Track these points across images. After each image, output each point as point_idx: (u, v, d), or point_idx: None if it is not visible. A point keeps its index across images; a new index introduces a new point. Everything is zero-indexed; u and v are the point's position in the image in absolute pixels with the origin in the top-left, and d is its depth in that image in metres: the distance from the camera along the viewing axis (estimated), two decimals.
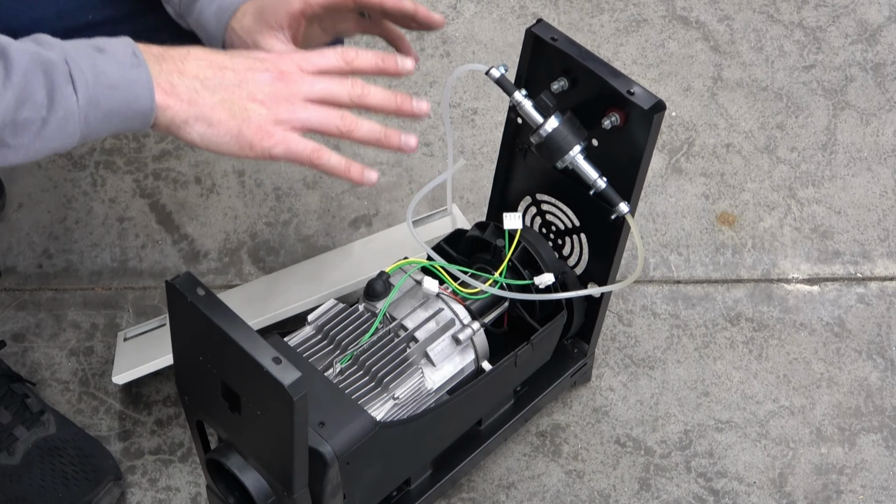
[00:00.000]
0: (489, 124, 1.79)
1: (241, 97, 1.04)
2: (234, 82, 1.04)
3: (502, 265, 1.34)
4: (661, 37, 1.91)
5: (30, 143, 0.97)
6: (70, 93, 0.97)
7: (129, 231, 1.68)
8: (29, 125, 0.96)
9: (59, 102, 0.97)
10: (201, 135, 1.03)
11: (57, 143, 0.99)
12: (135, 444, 1.49)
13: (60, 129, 0.98)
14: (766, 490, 1.48)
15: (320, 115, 1.05)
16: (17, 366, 1.54)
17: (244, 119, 1.03)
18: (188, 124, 1.02)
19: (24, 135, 0.96)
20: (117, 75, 0.99)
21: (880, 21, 1.93)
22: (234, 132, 1.03)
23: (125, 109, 1.00)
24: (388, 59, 1.09)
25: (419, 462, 1.35)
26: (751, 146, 1.79)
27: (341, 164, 1.06)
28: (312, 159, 1.04)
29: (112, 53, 1.00)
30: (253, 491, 1.13)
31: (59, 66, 0.97)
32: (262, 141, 1.03)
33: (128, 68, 0.99)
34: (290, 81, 1.05)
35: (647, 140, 1.23)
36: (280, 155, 1.04)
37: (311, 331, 1.29)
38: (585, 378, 1.54)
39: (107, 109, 0.99)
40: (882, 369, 1.58)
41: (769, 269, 1.67)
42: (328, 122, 1.05)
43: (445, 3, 1.93)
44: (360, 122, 1.06)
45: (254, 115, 1.03)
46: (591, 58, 1.24)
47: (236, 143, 1.03)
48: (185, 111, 1.02)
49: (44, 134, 0.97)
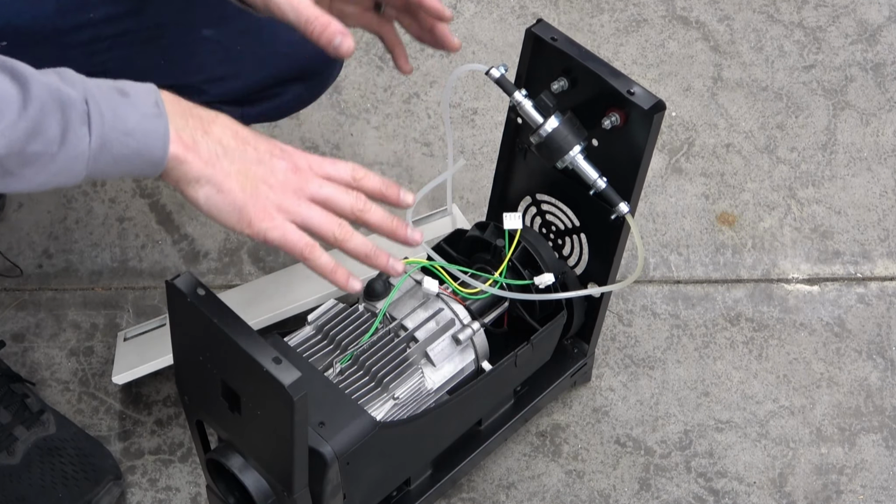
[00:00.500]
0: (489, 124, 1.79)
1: (256, 175, 1.04)
2: (253, 159, 1.05)
3: (502, 265, 1.34)
4: (661, 37, 1.91)
5: (34, 175, 0.97)
6: (84, 133, 0.96)
7: (129, 231, 1.68)
8: (37, 158, 0.96)
9: (71, 141, 0.96)
10: (207, 197, 1.03)
11: (62, 180, 0.98)
12: (135, 444, 1.49)
13: (68, 167, 0.97)
14: (766, 490, 1.48)
15: (322, 217, 1.07)
16: (17, 366, 1.54)
17: (252, 196, 1.04)
18: (198, 183, 1.02)
19: (31, 167, 0.96)
20: (135, 123, 0.98)
21: (880, 21, 1.93)
22: (238, 205, 1.03)
23: (136, 158, 0.99)
24: (391, 187, 1.11)
25: (419, 462, 1.35)
26: (751, 146, 1.79)
27: (329, 265, 1.07)
28: (304, 253, 1.06)
29: (134, 99, 0.99)
30: (253, 491, 1.13)
31: (78, 106, 0.96)
32: (262, 221, 1.04)
33: (148, 118, 0.99)
34: (303, 177, 1.06)
35: (647, 140, 1.23)
36: (275, 239, 1.05)
37: (311, 331, 1.29)
38: (585, 378, 1.54)
39: (118, 155, 0.98)
40: (882, 369, 1.58)
41: (769, 269, 1.67)
42: (327, 226, 1.07)
43: (445, 3, 1.92)
44: (355, 236, 1.08)
45: (262, 196, 1.04)
46: (591, 58, 1.24)
47: (237, 216, 1.04)
48: (201, 170, 1.02)
49: (50, 169, 0.97)
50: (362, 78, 1.83)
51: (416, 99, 1.82)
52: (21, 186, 0.97)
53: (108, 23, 1.29)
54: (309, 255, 1.05)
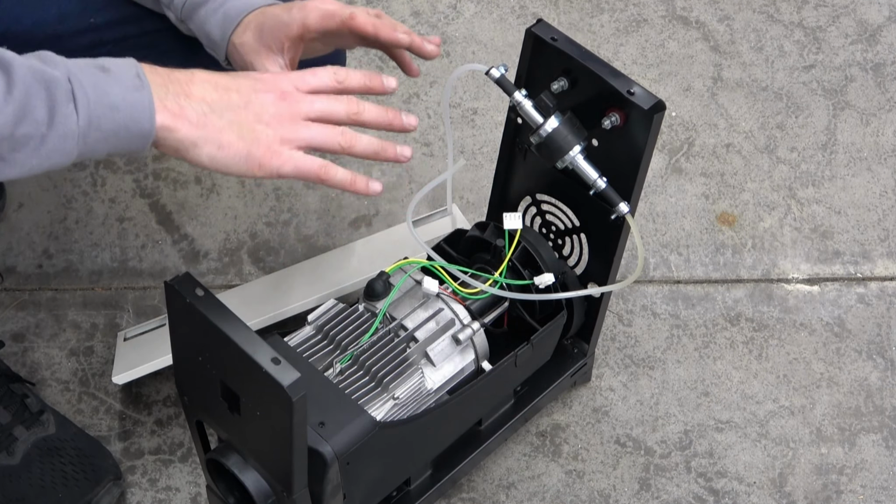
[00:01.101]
0: (489, 124, 1.79)
1: (248, 119, 1.05)
2: (239, 104, 1.06)
3: (502, 265, 1.34)
4: (661, 37, 1.91)
5: (26, 158, 0.97)
6: (71, 111, 0.97)
7: (129, 231, 1.68)
8: (27, 141, 0.96)
9: (59, 120, 0.97)
10: (211, 157, 1.04)
11: (54, 161, 0.99)
12: (135, 444, 1.49)
13: (59, 146, 0.98)
14: (766, 490, 1.48)
15: (323, 132, 1.08)
16: (16, 366, 1.54)
17: (253, 140, 1.05)
18: (197, 146, 1.03)
19: (21, 150, 0.97)
20: (119, 97, 0.99)
21: (880, 21, 1.93)
22: (243, 154, 1.05)
23: (124, 131, 1.00)
24: (374, 78, 1.12)
25: (419, 462, 1.35)
26: (751, 146, 1.79)
27: (347, 177, 1.09)
28: (321, 175, 1.07)
29: (116, 74, 1.00)
30: (253, 491, 1.13)
31: (62, 84, 0.97)
32: (271, 160, 1.05)
33: (131, 91, 1.00)
34: (292, 101, 1.08)
35: (647, 140, 1.23)
36: (289, 173, 1.06)
37: (311, 331, 1.29)
38: (585, 378, 1.54)
39: (107, 130, 0.99)
40: (882, 369, 1.58)
41: (769, 269, 1.67)
42: (331, 140, 1.08)
43: (445, 3, 1.93)
44: (360, 137, 1.09)
45: (262, 136, 1.05)
46: (591, 58, 1.24)
47: (245, 164, 1.05)
48: (195, 134, 1.03)
49: (41, 151, 0.97)
50: None
51: (416, 99, 1.82)
52: (15, 172, 0.98)
53: (108, 28, 1.29)
54: (325, 175, 1.07)
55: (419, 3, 1.93)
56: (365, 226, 1.70)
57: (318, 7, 1.19)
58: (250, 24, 1.19)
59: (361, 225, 1.70)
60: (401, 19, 1.90)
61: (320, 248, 1.67)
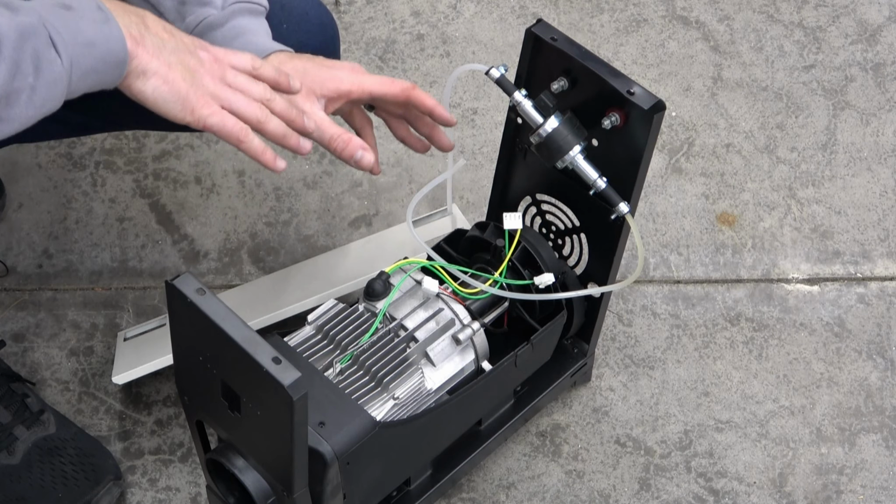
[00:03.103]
0: (489, 124, 1.79)
1: (191, 66, 1.09)
2: (185, 50, 1.10)
3: (502, 265, 1.34)
4: (661, 37, 1.91)
5: (21, 112, 0.99)
6: (54, 57, 0.99)
7: (129, 231, 1.68)
8: (19, 94, 0.98)
9: (45, 67, 0.99)
10: (154, 88, 1.07)
11: (46, 109, 1.01)
12: (135, 444, 1.49)
13: (49, 94, 1.00)
14: (766, 490, 1.48)
15: (245, 101, 1.12)
16: (17, 366, 1.54)
17: (193, 85, 1.08)
18: (146, 76, 1.06)
19: (15, 105, 0.99)
20: (92, 32, 1.01)
21: (880, 21, 1.93)
22: (182, 94, 1.07)
23: (102, 64, 1.03)
24: (283, 76, 1.16)
25: (419, 462, 1.35)
26: (751, 146, 1.79)
27: (260, 147, 1.12)
28: (240, 136, 1.11)
29: (79, 10, 1.02)
30: (253, 491, 1.13)
31: (41, 32, 0.99)
32: (203, 108, 1.09)
33: (99, 24, 1.02)
34: (221, 66, 1.12)
35: (647, 140, 1.23)
36: (214, 124, 1.09)
37: (311, 331, 1.29)
38: (585, 378, 1.54)
39: (86, 67, 1.02)
40: (882, 369, 1.58)
41: (769, 269, 1.67)
42: (250, 110, 1.11)
43: (445, 3, 1.93)
44: (272, 117, 1.13)
45: (199, 84, 1.09)
46: (591, 58, 1.24)
47: (181, 105, 1.08)
48: (148, 62, 1.06)
49: (34, 101, 0.99)
50: None
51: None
52: (12, 128, 1.00)
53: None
54: (244, 138, 1.11)
55: (419, 3, 1.93)
56: (365, 226, 1.69)
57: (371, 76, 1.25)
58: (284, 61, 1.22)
59: (361, 225, 1.70)
60: (401, 19, 1.90)
61: (320, 248, 1.67)
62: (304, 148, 1.15)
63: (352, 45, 1.87)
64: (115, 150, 1.75)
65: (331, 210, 1.71)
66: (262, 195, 1.72)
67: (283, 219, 1.70)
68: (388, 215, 1.70)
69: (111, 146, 1.75)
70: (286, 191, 1.72)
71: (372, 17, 1.90)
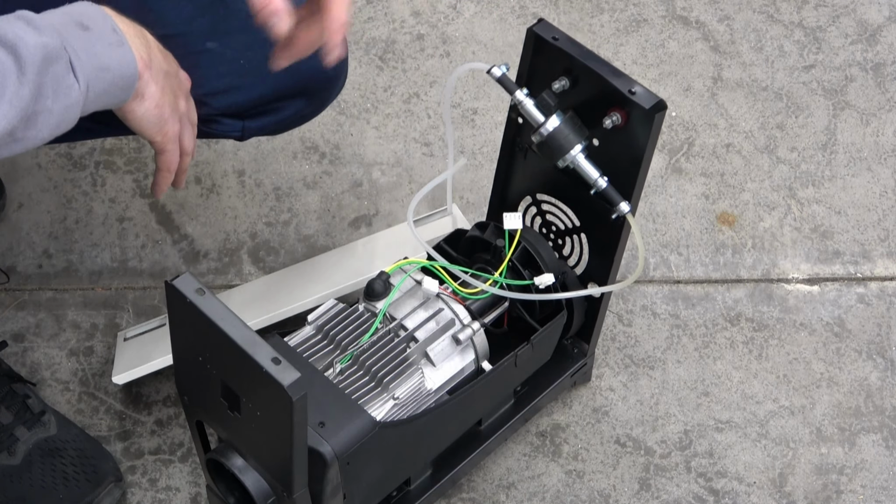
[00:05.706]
0: (489, 124, 1.79)
1: (174, 87, 1.10)
2: (173, 73, 1.10)
3: (502, 265, 1.33)
4: (661, 37, 1.90)
5: (36, 134, 0.99)
6: (72, 82, 0.99)
7: (129, 231, 1.68)
8: (37, 117, 0.98)
9: (63, 92, 0.98)
10: (146, 111, 1.07)
11: (60, 130, 1.01)
12: (135, 445, 1.49)
13: (65, 117, 1.00)
14: (766, 490, 1.48)
15: (190, 133, 1.14)
16: (16, 366, 1.54)
17: (172, 108, 1.09)
18: (143, 98, 1.06)
19: (32, 127, 0.98)
20: (107, 57, 1.01)
21: (880, 21, 1.93)
22: (165, 117, 1.08)
23: (113, 88, 1.03)
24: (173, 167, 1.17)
25: (419, 462, 1.35)
26: (751, 146, 1.79)
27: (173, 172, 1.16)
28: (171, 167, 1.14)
29: (96, 32, 1.01)
30: (253, 491, 1.13)
31: (62, 57, 0.98)
32: (169, 132, 1.10)
33: (115, 47, 1.02)
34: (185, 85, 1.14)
35: (648, 139, 1.23)
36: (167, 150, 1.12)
37: (311, 331, 1.29)
38: (585, 378, 1.54)
39: (99, 91, 1.02)
40: (882, 369, 1.58)
41: (769, 269, 1.67)
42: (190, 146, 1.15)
43: (445, 3, 1.93)
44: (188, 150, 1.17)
45: (175, 107, 1.10)
46: (592, 57, 1.24)
47: (158, 128, 1.09)
48: (148, 86, 1.06)
49: (50, 123, 0.99)
50: (362, 78, 1.83)
51: (416, 99, 1.82)
52: (27, 146, 1.00)
53: None
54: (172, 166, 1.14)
55: (419, 3, 1.93)
56: (365, 226, 1.69)
57: None
58: None
59: (361, 225, 1.70)
60: (401, 19, 1.90)
61: (320, 248, 1.67)
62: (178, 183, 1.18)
63: (352, 45, 1.86)
64: (115, 149, 1.75)
65: (331, 210, 1.71)
66: (262, 195, 1.72)
67: (283, 219, 1.70)
68: (388, 215, 1.70)
69: (111, 146, 1.75)
70: (286, 191, 1.72)
71: (372, 17, 1.90)
